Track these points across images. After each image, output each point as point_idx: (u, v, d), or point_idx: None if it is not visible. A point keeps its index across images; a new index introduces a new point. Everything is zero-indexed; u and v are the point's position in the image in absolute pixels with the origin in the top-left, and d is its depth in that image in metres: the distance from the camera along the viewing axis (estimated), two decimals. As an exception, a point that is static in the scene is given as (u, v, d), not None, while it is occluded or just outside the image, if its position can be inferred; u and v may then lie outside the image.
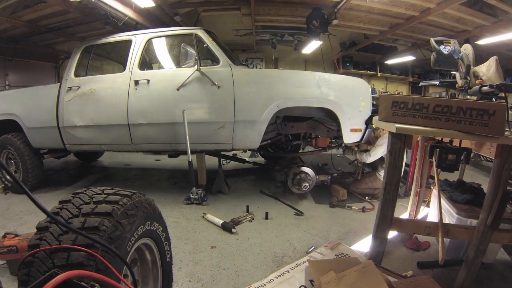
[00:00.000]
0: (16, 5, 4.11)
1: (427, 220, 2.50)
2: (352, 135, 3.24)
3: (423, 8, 4.50)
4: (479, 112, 1.51)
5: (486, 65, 2.24)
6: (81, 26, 5.09)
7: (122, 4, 3.79)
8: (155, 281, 1.44)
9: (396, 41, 6.88)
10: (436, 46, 2.39)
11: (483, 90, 2.12)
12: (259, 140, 3.18)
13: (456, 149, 1.74)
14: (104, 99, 3.30)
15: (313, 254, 2.15)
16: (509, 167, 1.64)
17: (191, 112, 3.16)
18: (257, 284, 1.81)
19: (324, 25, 5.02)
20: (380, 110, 1.81)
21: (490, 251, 1.94)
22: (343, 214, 3.17)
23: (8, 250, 1.71)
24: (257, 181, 4.30)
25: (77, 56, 3.50)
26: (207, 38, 3.25)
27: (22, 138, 3.58)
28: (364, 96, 3.25)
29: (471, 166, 5.11)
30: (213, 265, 2.17)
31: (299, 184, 3.41)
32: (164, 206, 3.20)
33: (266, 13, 5.24)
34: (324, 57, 6.74)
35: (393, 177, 1.82)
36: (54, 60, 7.19)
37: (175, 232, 2.61)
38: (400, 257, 2.32)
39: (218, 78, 3.12)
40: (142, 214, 1.25)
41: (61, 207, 1.15)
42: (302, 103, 3.18)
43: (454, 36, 5.07)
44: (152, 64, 4.00)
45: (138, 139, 3.32)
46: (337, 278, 1.61)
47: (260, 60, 8.40)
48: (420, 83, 7.56)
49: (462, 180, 2.55)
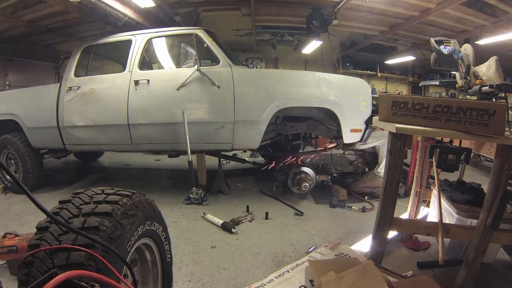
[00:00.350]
0: (16, 5, 4.11)
1: (427, 220, 2.50)
2: (352, 135, 3.24)
3: (423, 8, 4.50)
4: (479, 112, 1.51)
5: (486, 65, 2.25)
6: (81, 26, 5.10)
7: (122, 4, 3.79)
8: (155, 281, 1.44)
9: (396, 41, 6.88)
10: (436, 46, 2.39)
11: (483, 90, 2.13)
12: (259, 140, 3.18)
13: (456, 149, 1.74)
14: (104, 99, 3.30)
15: (313, 254, 2.15)
16: (509, 167, 1.64)
17: (191, 112, 3.16)
18: (257, 284, 1.81)
19: (324, 25, 5.03)
20: (380, 110, 1.81)
21: (490, 251, 1.93)
22: (343, 214, 3.17)
23: (8, 250, 1.71)
24: (257, 181, 4.30)
25: (77, 56, 3.50)
26: (207, 38, 3.25)
27: (22, 138, 3.58)
28: (364, 96, 3.26)
29: (471, 166, 5.10)
30: (213, 265, 2.17)
31: (299, 184, 3.41)
32: (164, 206, 3.20)
33: (266, 13, 5.25)
34: (324, 57, 6.73)
35: (393, 177, 1.82)
36: (54, 60, 7.18)
37: (175, 232, 2.61)
38: (400, 257, 2.32)
39: (218, 78, 3.12)
40: (142, 214, 1.25)
41: (61, 207, 1.14)
42: (302, 103, 3.18)
43: (454, 36, 5.07)
44: (152, 64, 4.01)
45: (138, 139, 3.32)
46: (337, 278, 1.61)
47: (260, 60, 8.40)
48: (420, 83, 7.58)
49: (462, 180, 2.55)
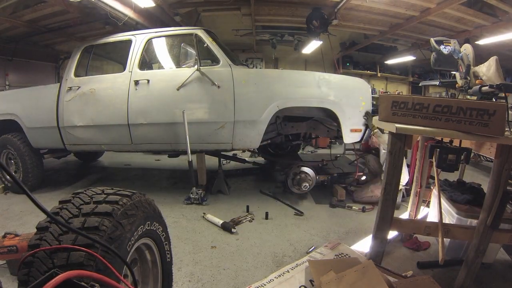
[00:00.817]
0: (16, 5, 4.11)
1: (427, 220, 2.50)
2: (352, 135, 3.24)
3: (423, 8, 4.50)
4: (479, 112, 1.51)
5: (486, 65, 2.25)
6: (81, 26, 5.09)
7: (122, 4, 3.79)
8: (155, 281, 1.44)
9: (396, 41, 6.88)
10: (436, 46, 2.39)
11: (483, 90, 2.13)
12: (259, 140, 3.18)
13: (456, 149, 1.74)
14: (104, 99, 3.30)
15: (313, 254, 2.14)
16: (509, 167, 1.64)
17: (191, 112, 3.16)
18: (257, 284, 1.81)
19: (324, 25, 5.03)
20: (380, 110, 1.81)
21: (490, 251, 1.93)
22: (343, 214, 3.17)
23: (8, 250, 1.71)
24: (257, 181, 4.30)
25: (77, 56, 3.50)
26: (207, 38, 3.25)
27: (22, 138, 3.58)
28: (364, 96, 3.26)
29: (471, 166, 5.11)
30: (213, 265, 2.17)
31: (299, 184, 3.41)
32: (164, 206, 3.20)
33: (266, 13, 5.25)
34: (324, 57, 6.73)
35: (393, 177, 1.82)
36: (54, 60, 7.17)
37: (175, 232, 2.61)
38: (400, 257, 2.32)
39: (218, 78, 3.12)
40: (142, 214, 1.25)
41: (61, 207, 1.14)
42: (302, 103, 3.19)
43: (454, 36, 5.07)
44: (152, 64, 4.00)
45: (138, 139, 3.32)
46: (337, 278, 1.61)
47: (260, 60, 8.39)
48: (420, 83, 7.59)
49: (462, 180, 2.55)
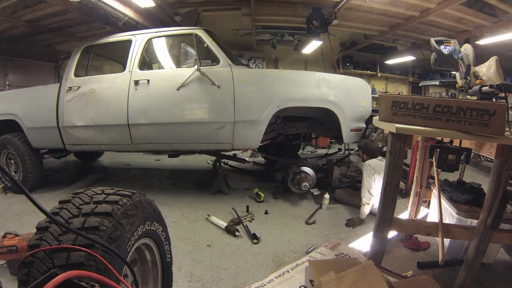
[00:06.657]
0: (16, 5, 4.11)
1: (427, 220, 2.50)
2: (352, 135, 3.24)
3: (423, 8, 4.50)
4: (479, 112, 1.51)
5: (486, 65, 2.24)
6: (81, 26, 5.09)
7: (122, 4, 3.78)
8: (155, 281, 1.44)
9: (396, 41, 6.87)
10: (436, 46, 2.39)
11: (483, 90, 2.12)
12: (259, 140, 3.18)
13: (456, 149, 1.74)
14: (104, 99, 3.30)
15: (313, 254, 2.15)
16: (509, 167, 1.64)
17: (191, 112, 3.16)
18: (257, 284, 1.81)
19: (324, 25, 5.02)
20: (380, 110, 1.81)
21: (490, 251, 1.93)
22: (343, 214, 3.17)
23: (8, 250, 1.70)
24: (257, 181, 4.30)
25: (77, 56, 3.50)
26: (207, 38, 3.25)
27: (22, 138, 3.58)
28: (364, 96, 3.26)
29: (471, 166, 5.10)
30: (213, 265, 2.17)
31: (299, 184, 3.40)
32: (164, 206, 3.20)
33: (266, 13, 5.24)
34: (324, 57, 6.73)
35: (393, 177, 1.82)
36: (54, 60, 7.18)
37: (175, 232, 2.61)
38: (400, 257, 2.32)
39: (218, 78, 3.12)
40: (142, 214, 1.25)
41: (61, 207, 1.15)
42: (302, 103, 3.18)
43: (454, 36, 5.07)
44: (152, 64, 4.00)
45: (138, 139, 3.32)
46: (337, 278, 1.61)
47: (262, 60, 8.39)
48: (420, 83, 7.59)
49: (462, 180, 2.55)
